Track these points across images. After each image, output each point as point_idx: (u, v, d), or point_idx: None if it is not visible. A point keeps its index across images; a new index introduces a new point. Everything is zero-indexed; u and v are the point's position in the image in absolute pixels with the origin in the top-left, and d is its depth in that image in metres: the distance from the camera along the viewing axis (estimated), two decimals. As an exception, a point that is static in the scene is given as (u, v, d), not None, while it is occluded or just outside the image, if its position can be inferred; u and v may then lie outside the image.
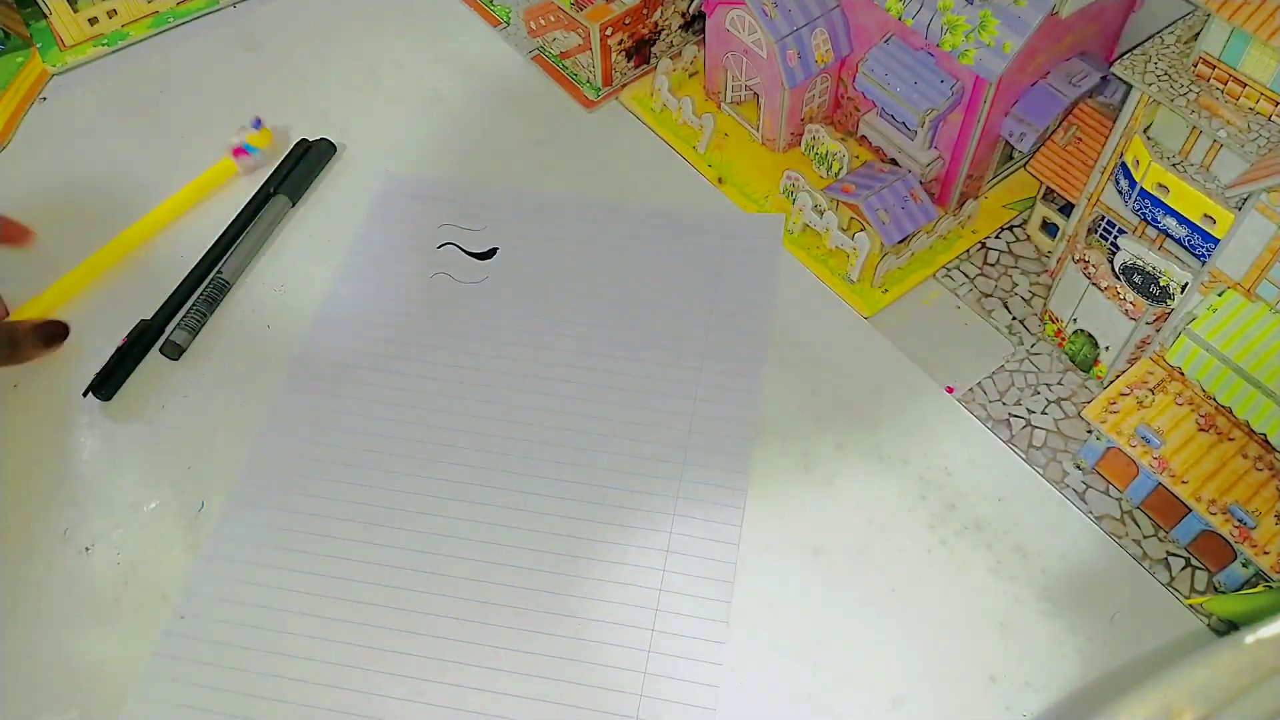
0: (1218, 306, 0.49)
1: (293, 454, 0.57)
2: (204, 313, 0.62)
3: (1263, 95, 0.46)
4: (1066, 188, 0.59)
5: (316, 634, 0.51)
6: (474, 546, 0.53)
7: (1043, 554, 0.53)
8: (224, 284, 0.64)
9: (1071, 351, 0.59)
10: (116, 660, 0.51)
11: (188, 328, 0.62)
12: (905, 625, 0.51)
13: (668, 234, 0.66)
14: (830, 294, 0.63)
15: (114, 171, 0.71)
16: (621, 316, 0.62)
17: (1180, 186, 0.49)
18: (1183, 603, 0.51)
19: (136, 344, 0.61)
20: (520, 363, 0.60)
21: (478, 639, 0.51)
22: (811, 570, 0.53)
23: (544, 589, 0.52)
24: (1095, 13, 0.58)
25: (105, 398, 0.59)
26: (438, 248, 0.66)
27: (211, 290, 0.63)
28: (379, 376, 0.60)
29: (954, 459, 0.56)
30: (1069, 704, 0.48)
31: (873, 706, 0.49)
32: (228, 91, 0.75)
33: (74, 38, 0.77)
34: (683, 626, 0.51)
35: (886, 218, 0.61)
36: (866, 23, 0.62)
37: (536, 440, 0.57)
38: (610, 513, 0.54)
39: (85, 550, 0.55)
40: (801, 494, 0.55)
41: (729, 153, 0.70)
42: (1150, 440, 0.52)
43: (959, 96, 0.59)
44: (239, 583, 0.53)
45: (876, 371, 0.59)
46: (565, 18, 0.71)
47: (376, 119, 0.73)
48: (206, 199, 0.69)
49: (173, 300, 0.63)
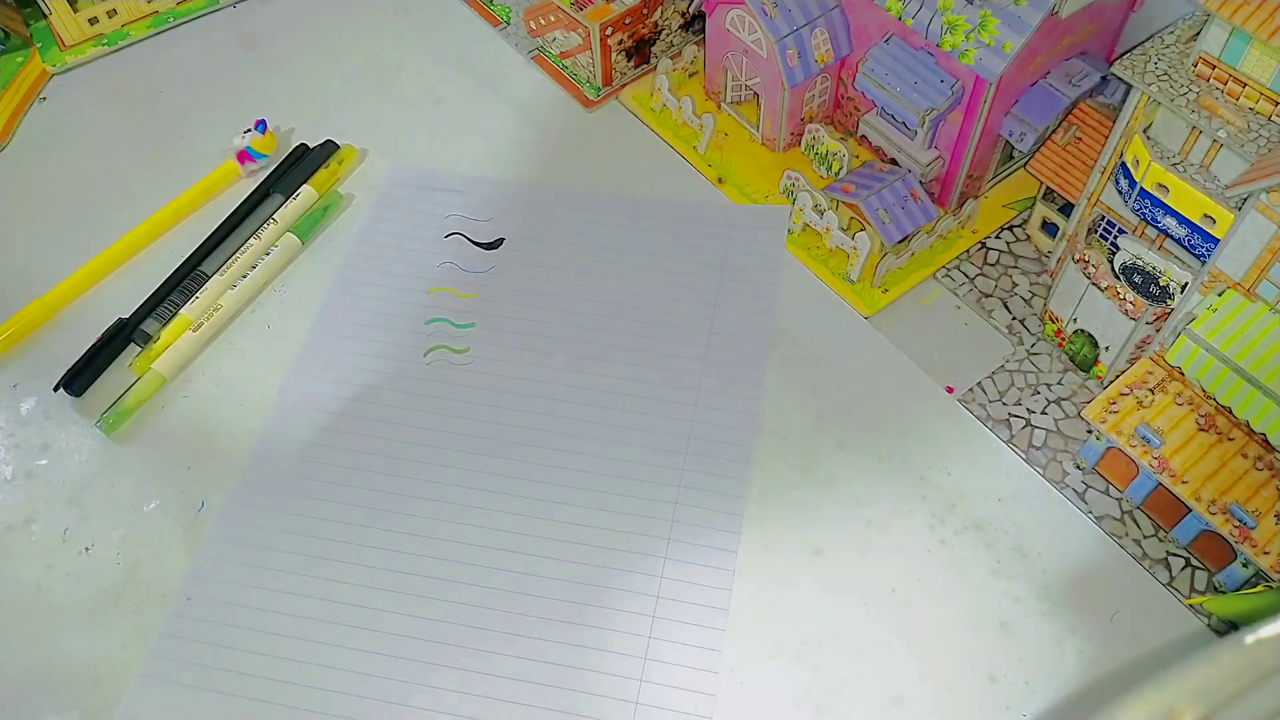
0: (1218, 306, 0.49)
1: (293, 455, 0.57)
2: (178, 304, 0.63)
3: (1263, 95, 0.46)
4: (1066, 188, 0.59)
5: (315, 636, 0.51)
6: (473, 549, 0.53)
7: (1043, 554, 0.53)
8: (203, 277, 0.64)
9: (1071, 351, 0.59)
10: (117, 660, 0.51)
11: (159, 318, 0.62)
12: (905, 625, 0.51)
13: (674, 226, 0.66)
14: (830, 294, 0.63)
15: (114, 171, 0.71)
16: (625, 313, 0.62)
17: (1180, 186, 0.49)
18: (1183, 603, 0.51)
19: (112, 341, 0.61)
20: (519, 355, 0.60)
21: (474, 644, 0.51)
22: (811, 570, 0.53)
23: (540, 590, 0.52)
24: (1095, 13, 0.58)
25: (76, 393, 0.60)
26: (444, 237, 0.66)
27: (189, 284, 0.64)
28: (381, 377, 0.60)
29: (954, 459, 0.56)
30: (1069, 704, 0.49)
31: (873, 706, 0.49)
32: (228, 92, 0.75)
33: (74, 37, 0.77)
34: (680, 634, 0.51)
35: (886, 217, 0.61)
36: (866, 22, 0.62)
37: (534, 440, 0.57)
38: (609, 515, 0.54)
39: (85, 550, 0.55)
40: (801, 494, 0.55)
41: (729, 153, 0.70)
42: (1150, 440, 0.52)
43: (959, 96, 0.59)
44: (238, 583, 0.53)
45: (876, 371, 0.59)
46: (565, 18, 0.71)
47: (376, 119, 0.73)
48: (209, 202, 0.69)
49: (153, 298, 0.64)
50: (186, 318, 0.62)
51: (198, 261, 0.65)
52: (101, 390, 0.60)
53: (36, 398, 0.60)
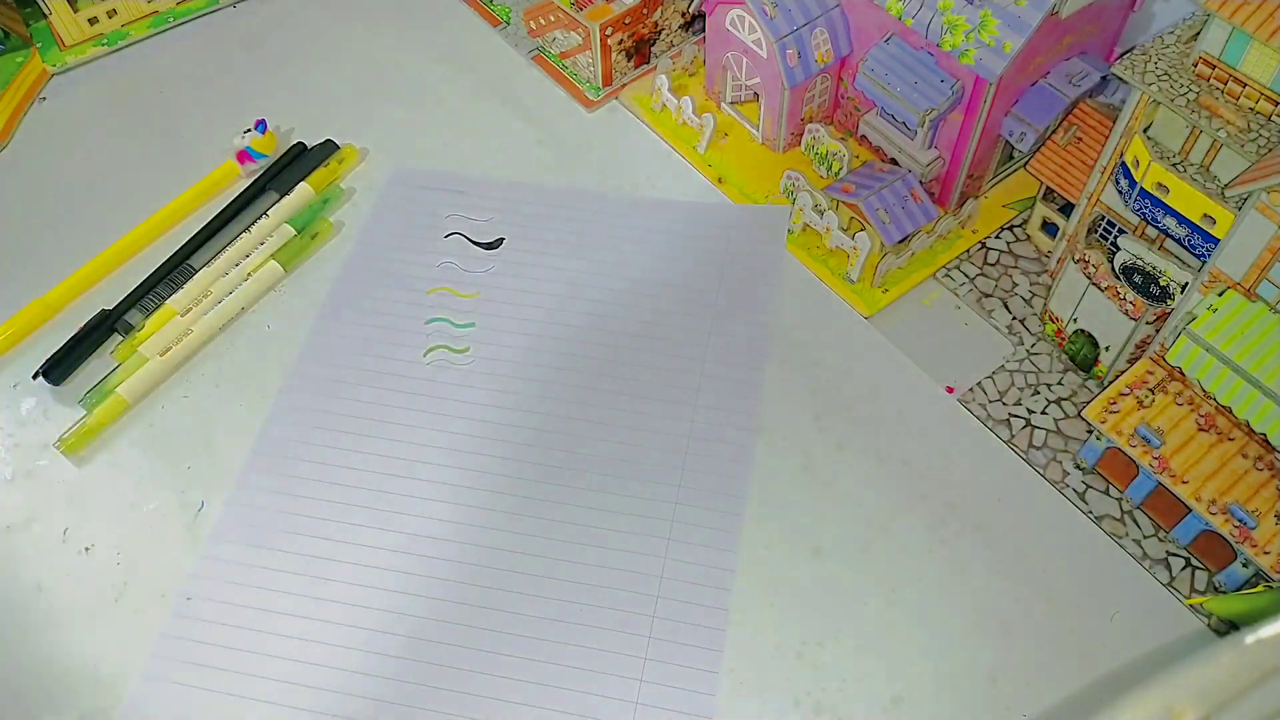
0: (1218, 306, 0.49)
1: (293, 454, 0.57)
2: (163, 295, 0.63)
3: (1263, 95, 0.46)
4: (1066, 188, 0.59)
5: (315, 636, 0.51)
6: (472, 548, 0.53)
7: (1043, 554, 0.53)
8: (190, 270, 0.64)
9: (1071, 351, 0.59)
10: (116, 660, 0.51)
11: (143, 309, 0.62)
12: (905, 625, 0.51)
13: (674, 226, 0.66)
14: (830, 294, 0.63)
15: (113, 171, 0.71)
16: (625, 312, 0.62)
17: (1180, 186, 0.49)
18: (1183, 603, 0.51)
19: (95, 330, 0.62)
20: (519, 355, 0.60)
21: (474, 643, 0.51)
22: (811, 570, 0.53)
23: (540, 590, 0.52)
24: (1095, 13, 0.58)
25: (55, 382, 0.60)
26: (444, 237, 0.66)
27: (175, 276, 0.64)
28: (381, 376, 0.60)
29: (954, 459, 0.56)
30: (1069, 704, 0.48)
31: (873, 706, 0.49)
32: (228, 91, 0.75)
33: (74, 37, 0.77)
34: (680, 634, 0.51)
35: (886, 217, 0.61)
36: (866, 22, 0.62)
37: (533, 440, 0.57)
38: (609, 515, 0.54)
39: (85, 550, 0.55)
40: (801, 494, 0.55)
41: (729, 153, 0.70)
42: (1150, 440, 0.52)
43: (959, 96, 0.59)
44: (238, 583, 0.53)
45: (876, 371, 0.59)
46: (565, 18, 0.71)
47: (376, 119, 0.73)
48: (209, 202, 0.69)
49: (138, 290, 0.64)
50: (172, 308, 0.62)
51: (186, 255, 0.65)
52: (82, 383, 0.60)
53: (37, 398, 0.60)
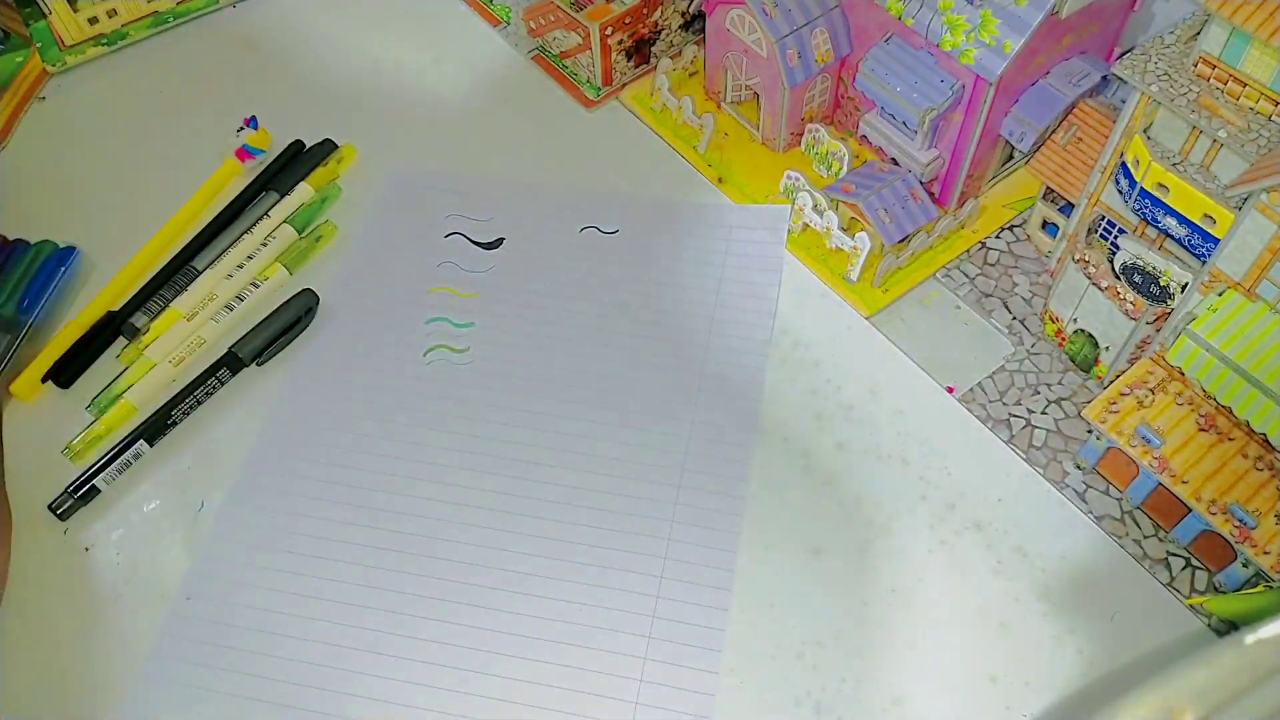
0: (1218, 306, 0.49)
1: (293, 454, 0.57)
2: (167, 298, 0.63)
3: (1263, 95, 0.46)
4: (1066, 188, 0.59)
5: (315, 636, 0.51)
6: (472, 548, 0.53)
7: (1043, 554, 0.53)
8: (193, 272, 0.64)
9: (1071, 351, 0.59)
10: (116, 660, 0.51)
11: (148, 312, 0.62)
12: (905, 625, 0.51)
13: (674, 226, 0.66)
14: (830, 294, 0.63)
15: (113, 171, 0.71)
16: (624, 312, 0.62)
17: (1180, 186, 0.49)
18: (1183, 603, 0.51)
19: (101, 333, 0.62)
20: (519, 355, 0.60)
21: (474, 643, 0.51)
22: (811, 570, 0.53)
23: (540, 590, 0.52)
24: (1095, 13, 0.58)
25: (64, 385, 0.60)
26: (445, 237, 0.66)
27: (179, 278, 0.64)
28: (381, 376, 0.60)
29: (954, 459, 0.56)
30: (1069, 704, 0.48)
31: (873, 706, 0.49)
32: (228, 91, 0.75)
33: (74, 37, 0.77)
34: (680, 634, 0.51)
35: (887, 217, 0.61)
36: (866, 22, 0.62)
37: (533, 440, 0.57)
38: (609, 514, 0.54)
39: (85, 550, 0.55)
40: (801, 494, 0.55)
41: (729, 152, 0.70)
42: (1150, 440, 0.52)
43: (959, 96, 0.59)
44: (238, 583, 0.53)
45: (876, 371, 0.59)
46: (565, 18, 0.71)
47: (376, 119, 0.73)
48: (215, 203, 0.69)
49: (142, 293, 0.64)
50: (177, 310, 0.62)
51: (189, 257, 0.65)
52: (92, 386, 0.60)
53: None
